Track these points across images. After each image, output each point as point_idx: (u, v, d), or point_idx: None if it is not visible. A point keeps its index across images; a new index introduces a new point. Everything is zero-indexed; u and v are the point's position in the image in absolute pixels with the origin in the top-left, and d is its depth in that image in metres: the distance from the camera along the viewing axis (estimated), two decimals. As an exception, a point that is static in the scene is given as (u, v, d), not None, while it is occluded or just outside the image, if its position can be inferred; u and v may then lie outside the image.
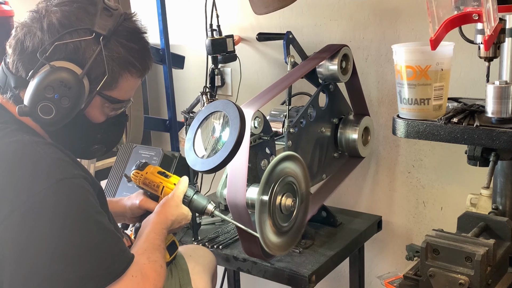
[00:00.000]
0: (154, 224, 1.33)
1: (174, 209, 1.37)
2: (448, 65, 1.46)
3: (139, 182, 1.48)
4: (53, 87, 1.11)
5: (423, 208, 2.14)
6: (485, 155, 1.50)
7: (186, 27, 2.61)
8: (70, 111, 1.13)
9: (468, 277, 1.26)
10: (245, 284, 2.49)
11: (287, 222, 1.57)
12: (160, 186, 1.45)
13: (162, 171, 1.48)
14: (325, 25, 2.21)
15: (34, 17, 1.17)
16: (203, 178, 2.37)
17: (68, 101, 1.12)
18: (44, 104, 1.11)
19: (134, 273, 1.12)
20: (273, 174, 1.50)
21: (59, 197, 1.06)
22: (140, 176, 1.47)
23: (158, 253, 1.25)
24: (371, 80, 2.15)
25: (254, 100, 1.69)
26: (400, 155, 2.15)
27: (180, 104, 2.51)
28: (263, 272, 1.76)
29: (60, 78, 1.11)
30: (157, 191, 1.45)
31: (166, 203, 1.38)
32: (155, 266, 1.20)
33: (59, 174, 1.08)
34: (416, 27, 2.01)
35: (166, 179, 1.46)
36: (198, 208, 1.44)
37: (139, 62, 1.22)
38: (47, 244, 1.03)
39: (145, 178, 1.47)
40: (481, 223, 1.44)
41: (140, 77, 1.25)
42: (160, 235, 1.31)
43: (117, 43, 1.18)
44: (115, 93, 1.22)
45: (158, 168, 1.49)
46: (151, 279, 1.16)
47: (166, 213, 1.36)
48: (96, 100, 1.20)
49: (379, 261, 2.29)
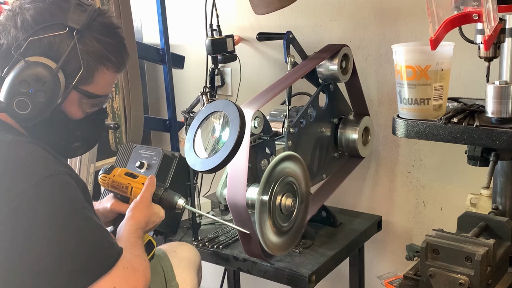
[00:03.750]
0: (127, 227, 1.33)
1: (144, 211, 1.37)
2: (448, 65, 1.46)
3: (107, 186, 1.47)
4: (28, 81, 1.12)
5: (423, 208, 2.14)
6: (485, 155, 1.50)
7: (186, 27, 2.61)
8: (46, 106, 1.14)
9: (468, 277, 1.26)
10: (245, 284, 2.49)
11: (287, 222, 1.57)
12: (128, 187, 1.45)
13: (129, 173, 1.48)
14: (325, 25, 2.22)
15: (8, 15, 1.18)
16: (203, 178, 2.37)
17: (43, 95, 1.13)
18: (19, 99, 1.12)
19: (125, 265, 1.14)
20: (273, 174, 1.51)
21: (46, 193, 1.07)
22: (107, 179, 1.47)
23: (138, 249, 1.26)
24: (371, 80, 2.15)
25: (254, 100, 1.69)
26: (400, 155, 2.15)
27: (180, 104, 2.51)
28: (263, 272, 1.76)
29: (35, 73, 1.12)
30: (127, 193, 1.45)
31: (135, 207, 1.37)
32: (139, 260, 1.22)
33: (45, 171, 1.08)
34: (416, 27, 2.01)
35: (134, 180, 1.45)
36: (169, 205, 1.43)
37: (115, 57, 1.23)
38: (37, 241, 1.04)
39: (113, 181, 1.46)
40: (481, 223, 1.44)
41: (116, 72, 1.26)
42: (134, 234, 1.31)
43: (92, 37, 1.19)
44: (92, 88, 1.22)
45: (125, 170, 1.49)
46: (141, 270, 1.18)
47: (136, 217, 1.35)
48: (73, 95, 1.20)
49: (379, 261, 2.29)
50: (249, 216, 1.55)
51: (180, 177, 1.93)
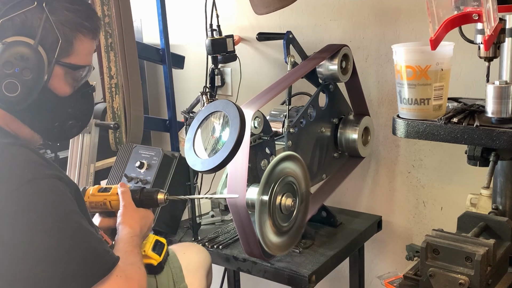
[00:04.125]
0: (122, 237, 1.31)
1: (134, 215, 1.36)
2: (448, 65, 1.46)
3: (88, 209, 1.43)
4: (11, 62, 1.12)
5: (423, 208, 2.14)
6: (485, 155, 1.50)
7: (186, 27, 2.61)
8: (35, 83, 1.14)
9: (468, 277, 1.26)
10: (245, 284, 2.49)
11: (287, 222, 1.57)
12: (106, 203, 1.42)
13: (102, 188, 1.45)
14: (325, 25, 2.22)
15: None
16: (203, 178, 2.37)
17: (29, 72, 1.13)
18: (7, 82, 1.12)
19: (119, 273, 1.11)
20: (273, 174, 1.51)
21: (29, 198, 1.05)
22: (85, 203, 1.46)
23: (133, 257, 1.24)
24: (371, 80, 2.15)
25: (254, 100, 1.69)
26: (400, 155, 2.15)
27: (180, 104, 2.51)
28: (263, 272, 1.76)
29: (16, 52, 1.12)
30: (107, 208, 1.43)
31: (123, 215, 1.36)
32: (134, 268, 1.20)
33: (29, 175, 1.06)
34: (416, 27, 2.01)
35: (108, 193, 1.43)
36: (151, 203, 1.41)
37: (88, 22, 1.23)
38: (24, 247, 1.02)
39: (90, 202, 1.43)
40: (481, 223, 1.44)
41: (92, 38, 1.25)
42: (130, 243, 1.29)
43: (62, 7, 1.19)
44: (74, 59, 1.22)
45: (97, 187, 1.46)
46: (135, 279, 1.16)
47: (128, 223, 1.33)
48: (57, 70, 1.20)
49: (379, 261, 2.29)
50: (249, 216, 1.55)
51: (180, 177, 1.94)
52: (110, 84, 2.18)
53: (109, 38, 2.14)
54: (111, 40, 2.14)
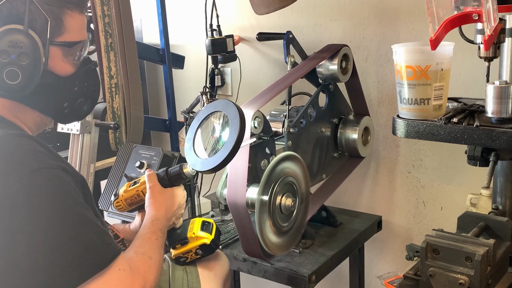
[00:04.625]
0: (144, 222, 1.33)
1: (158, 197, 1.38)
2: (448, 65, 1.46)
3: (126, 207, 1.48)
4: (6, 51, 1.12)
5: (423, 208, 2.14)
6: (485, 155, 1.50)
7: (186, 27, 2.61)
8: (33, 67, 1.14)
9: (468, 277, 1.26)
10: (245, 284, 2.49)
11: (287, 222, 1.57)
12: (139, 193, 1.45)
13: (131, 182, 1.48)
14: (325, 25, 2.22)
15: None
16: (203, 178, 2.37)
17: (26, 57, 1.13)
18: (7, 70, 1.12)
19: (121, 266, 1.11)
20: (273, 174, 1.51)
21: (34, 188, 1.05)
22: (122, 202, 1.48)
23: (148, 245, 1.25)
24: (371, 80, 2.15)
25: (254, 100, 1.69)
26: (400, 155, 2.15)
27: (180, 104, 2.51)
28: (263, 272, 1.76)
29: (8, 39, 1.12)
30: (142, 199, 1.45)
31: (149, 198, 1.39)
32: (143, 258, 1.20)
33: (34, 164, 1.07)
34: (416, 27, 2.01)
35: (139, 185, 1.46)
36: (179, 178, 1.43)
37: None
38: (26, 236, 1.03)
39: (125, 199, 1.47)
40: (481, 223, 1.44)
41: (81, 12, 1.24)
42: (150, 227, 1.31)
43: None
44: (67, 36, 1.21)
45: (127, 183, 1.49)
46: (141, 271, 1.16)
47: (153, 206, 1.36)
48: (54, 51, 1.19)
49: (379, 261, 2.29)
50: (249, 216, 1.55)
51: (180, 177, 1.93)
52: (110, 84, 2.17)
53: (109, 38, 2.14)
54: (111, 40, 2.14)
